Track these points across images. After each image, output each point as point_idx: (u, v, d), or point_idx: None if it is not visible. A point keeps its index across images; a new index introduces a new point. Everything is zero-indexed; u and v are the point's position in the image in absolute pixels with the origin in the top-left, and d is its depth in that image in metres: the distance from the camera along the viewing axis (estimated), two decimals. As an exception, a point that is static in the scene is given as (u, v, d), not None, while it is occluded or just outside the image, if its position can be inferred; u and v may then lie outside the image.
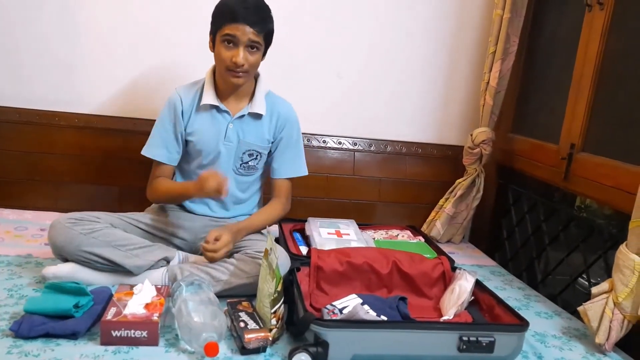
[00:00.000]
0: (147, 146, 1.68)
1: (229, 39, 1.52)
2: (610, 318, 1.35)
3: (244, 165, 1.72)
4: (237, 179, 1.73)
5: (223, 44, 1.54)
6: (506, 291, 1.79)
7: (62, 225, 1.45)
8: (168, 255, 1.56)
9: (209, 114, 1.66)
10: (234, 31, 1.51)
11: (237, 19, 1.50)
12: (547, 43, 2.11)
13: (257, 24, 1.53)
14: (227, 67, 1.55)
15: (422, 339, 1.24)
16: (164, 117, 1.67)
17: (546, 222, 2.02)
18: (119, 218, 1.59)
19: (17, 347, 1.16)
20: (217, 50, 1.56)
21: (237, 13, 1.50)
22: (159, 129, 1.68)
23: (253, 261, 1.50)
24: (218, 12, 1.56)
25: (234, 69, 1.55)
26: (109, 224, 1.53)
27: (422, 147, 2.33)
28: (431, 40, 2.25)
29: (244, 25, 1.51)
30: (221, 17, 1.54)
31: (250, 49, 1.55)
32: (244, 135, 1.68)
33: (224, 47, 1.54)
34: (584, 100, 1.76)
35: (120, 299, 1.29)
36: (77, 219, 1.48)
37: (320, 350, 1.18)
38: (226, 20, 1.52)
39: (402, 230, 2.05)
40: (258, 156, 1.73)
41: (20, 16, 2.01)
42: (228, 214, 1.77)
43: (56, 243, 1.45)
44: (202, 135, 1.66)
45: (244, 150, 1.70)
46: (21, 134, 2.07)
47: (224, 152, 1.67)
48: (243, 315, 1.29)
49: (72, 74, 2.08)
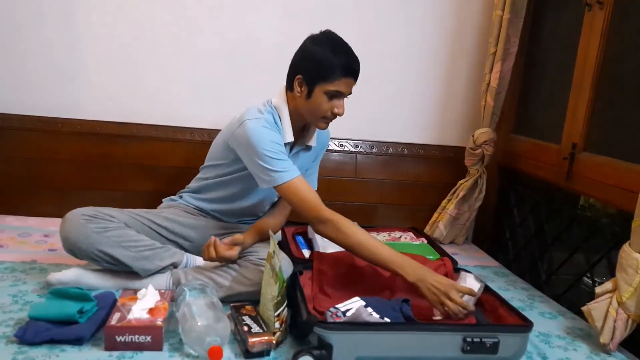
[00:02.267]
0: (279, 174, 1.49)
1: (336, 94, 1.52)
2: (615, 317, 1.35)
3: None
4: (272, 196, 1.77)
5: (326, 96, 1.52)
6: (510, 292, 1.79)
7: (77, 221, 1.44)
8: (176, 261, 1.56)
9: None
10: (343, 88, 1.51)
11: (349, 73, 1.51)
12: (547, 43, 2.11)
13: (358, 74, 1.55)
14: (325, 117, 1.56)
15: (426, 341, 1.24)
16: (276, 140, 1.52)
17: (549, 222, 2.02)
18: (132, 217, 1.57)
19: (22, 353, 1.16)
20: (318, 100, 1.52)
21: (349, 69, 1.51)
22: (274, 150, 1.50)
23: (256, 269, 1.50)
24: (324, 64, 1.50)
25: (332, 118, 1.57)
26: (123, 223, 1.51)
27: (424, 149, 2.34)
28: (431, 42, 2.25)
29: (351, 79, 1.53)
30: (330, 70, 1.49)
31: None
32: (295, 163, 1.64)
33: (326, 100, 1.52)
34: (585, 99, 1.76)
35: (124, 304, 1.29)
36: (90, 215, 1.46)
37: (324, 352, 1.18)
38: (338, 75, 1.49)
39: (404, 232, 2.05)
40: None
41: (23, 24, 2.02)
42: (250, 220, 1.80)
43: (68, 238, 1.44)
44: None
45: None
46: (24, 141, 2.08)
47: None
48: (247, 319, 1.30)
49: (75, 81, 2.09)
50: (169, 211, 1.71)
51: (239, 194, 1.70)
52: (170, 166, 2.16)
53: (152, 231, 1.60)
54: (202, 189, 1.75)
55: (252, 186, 1.64)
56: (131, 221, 1.56)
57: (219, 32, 2.12)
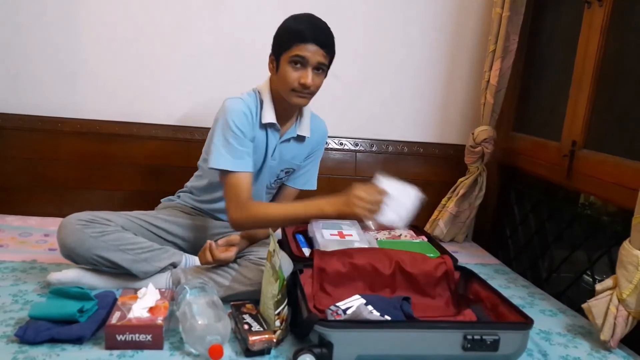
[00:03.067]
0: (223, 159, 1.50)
1: (298, 60, 1.48)
2: (615, 315, 1.35)
3: (277, 180, 1.74)
4: (267, 192, 1.76)
5: (290, 65, 1.49)
6: (510, 289, 1.79)
7: (73, 227, 1.44)
8: (175, 261, 1.56)
9: (266, 130, 1.62)
10: (304, 52, 1.47)
11: (308, 39, 1.47)
12: (546, 40, 2.11)
13: (326, 45, 1.50)
14: (293, 88, 1.51)
15: (427, 339, 1.24)
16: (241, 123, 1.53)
17: (549, 220, 2.02)
18: (129, 219, 1.57)
19: (22, 352, 1.16)
20: (283, 71, 1.51)
21: (308, 33, 1.47)
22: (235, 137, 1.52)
23: (256, 268, 1.50)
24: (285, 32, 1.52)
25: (301, 90, 1.52)
26: (120, 226, 1.51)
27: (424, 147, 2.34)
28: (431, 39, 2.25)
29: (314, 45, 1.48)
30: (289, 38, 1.49)
31: (317, 70, 1.51)
32: (287, 154, 1.68)
33: (291, 68, 1.49)
34: (585, 97, 1.76)
35: (125, 303, 1.29)
36: (87, 220, 1.46)
37: (324, 351, 1.18)
38: (296, 40, 1.47)
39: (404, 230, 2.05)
40: (290, 172, 1.75)
41: (23, 24, 2.02)
42: None
43: (65, 244, 1.44)
44: (256, 150, 1.61)
45: (282, 167, 1.70)
46: (25, 141, 2.09)
47: (267, 169, 1.67)
48: (247, 317, 1.30)
49: (75, 80, 2.09)
50: (166, 212, 1.71)
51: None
52: (170, 165, 2.16)
53: (150, 233, 1.60)
54: (197, 186, 1.76)
55: None
56: (128, 224, 1.55)
57: (219, 31, 2.12)
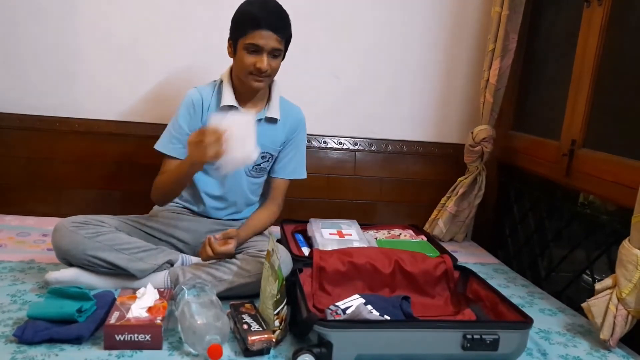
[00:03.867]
0: (162, 141, 1.65)
1: (253, 47, 1.52)
2: (614, 314, 1.35)
3: (256, 167, 1.73)
4: (249, 181, 1.74)
5: (246, 51, 1.53)
6: (510, 289, 1.79)
7: (66, 229, 1.45)
8: (172, 259, 1.56)
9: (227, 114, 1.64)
10: (257, 40, 1.50)
11: (261, 25, 1.49)
12: (546, 39, 2.11)
13: (280, 30, 1.53)
14: (249, 72, 1.55)
15: (426, 338, 1.23)
16: (183, 112, 1.64)
17: (549, 219, 2.01)
18: (122, 221, 1.58)
19: (21, 352, 1.16)
20: (239, 56, 1.55)
21: (261, 20, 1.50)
22: (176, 124, 1.64)
23: (255, 260, 1.50)
24: (239, 19, 1.56)
25: (258, 74, 1.55)
26: (114, 227, 1.52)
27: (423, 146, 2.33)
28: (430, 39, 2.25)
29: (267, 31, 1.50)
30: (243, 24, 1.53)
31: (273, 55, 1.55)
32: (259, 138, 1.67)
33: (246, 54, 1.53)
34: (584, 96, 1.76)
35: (123, 302, 1.29)
36: (81, 222, 1.47)
37: (324, 350, 1.18)
38: (249, 27, 1.51)
39: (404, 230, 2.05)
40: (270, 158, 1.74)
41: (21, 23, 2.01)
42: (238, 215, 1.78)
43: (60, 247, 1.45)
44: None
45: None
46: (23, 140, 2.08)
47: None
48: (246, 317, 1.29)
49: (73, 80, 2.08)
50: (159, 215, 1.72)
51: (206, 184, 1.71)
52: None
53: (145, 234, 1.61)
54: None
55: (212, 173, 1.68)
56: (122, 225, 1.56)
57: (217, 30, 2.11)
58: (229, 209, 1.76)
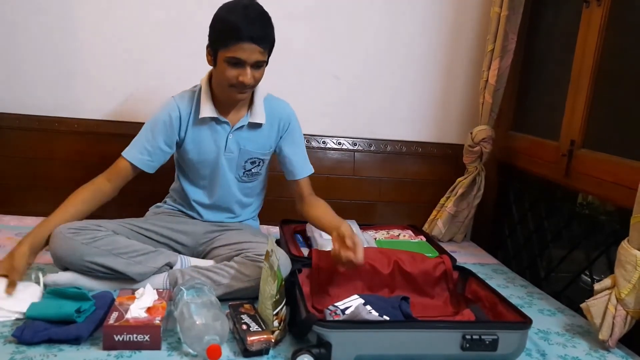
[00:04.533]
0: (130, 149, 1.62)
1: (235, 61, 1.45)
2: (614, 314, 1.35)
3: (247, 173, 1.71)
4: (241, 186, 1.73)
5: (227, 63, 1.46)
6: (509, 289, 1.79)
7: (63, 236, 1.43)
8: (170, 261, 1.55)
9: (208, 126, 1.63)
10: (239, 53, 1.43)
11: (243, 38, 1.41)
12: (545, 40, 2.11)
13: (263, 40, 1.45)
14: (232, 84, 1.50)
15: (425, 339, 1.23)
16: (159, 126, 1.61)
17: (548, 219, 2.02)
18: (120, 225, 1.56)
19: (20, 352, 1.16)
20: (220, 68, 1.48)
21: (243, 32, 1.41)
22: (148, 135, 1.62)
23: (254, 264, 1.49)
24: (219, 29, 1.46)
25: (241, 87, 1.50)
26: (111, 231, 1.51)
27: (422, 146, 2.33)
28: (429, 39, 2.25)
29: (249, 43, 1.42)
30: (224, 35, 1.44)
31: (257, 67, 1.49)
32: (245, 144, 1.66)
33: (228, 67, 1.46)
34: (584, 96, 1.76)
35: (122, 303, 1.29)
36: (77, 228, 1.45)
37: (323, 351, 1.18)
38: (230, 39, 1.42)
39: (403, 230, 2.05)
40: (260, 163, 1.72)
41: (20, 23, 2.01)
42: (235, 219, 1.78)
43: (57, 254, 1.44)
44: (201, 147, 1.63)
45: (245, 158, 1.68)
46: (21, 140, 2.08)
47: (225, 163, 1.66)
48: (245, 317, 1.29)
49: (72, 80, 2.08)
50: (156, 217, 1.72)
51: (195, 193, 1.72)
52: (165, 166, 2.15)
53: (143, 237, 1.59)
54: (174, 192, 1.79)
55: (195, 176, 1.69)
56: (120, 229, 1.54)
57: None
58: (224, 213, 1.76)
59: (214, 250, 1.65)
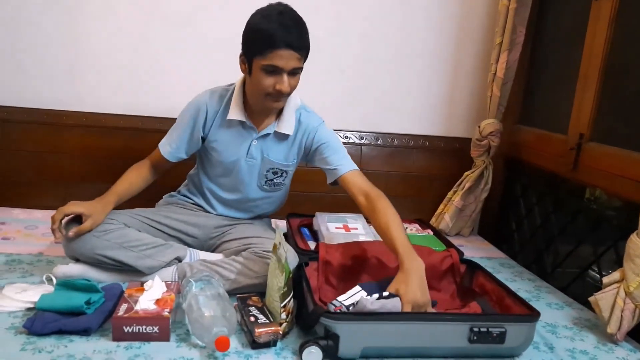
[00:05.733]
0: (163, 140, 1.67)
1: (272, 69, 1.42)
2: (622, 308, 1.35)
3: (268, 182, 1.69)
4: (262, 194, 1.73)
5: (263, 72, 1.43)
6: (516, 283, 1.79)
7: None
8: (180, 255, 1.56)
9: (234, 128, 1.61)
10: (277, 61, 1.40)
11: (279, 45, 1.38)
12: (553, 33, 2.09)
13: (300, 47, 1.42)
14: (268, 93, 1.47)
15: (433, 331, 1.23)
16: (186, 116, 1.62)
17: (555, 213, 2.01)
18: (131, 216, 1.57)
19: (30, 343, 1.17)
20: (256, 77, 1.46)
21: (279, 39, 1.38)
22: (178, 124, 1.65)
23: (262, 261, 1.49)
24: (254, 37, 1.43)
25: (277, 95, 1.47)
26: (123, 223, 1.52)
27: (429, 140, 2.33)
28: (437, 32, 2.24)
29: (288, 50, 1.39)
30: (261, 42, 1.40)
31: (293, 74, 1.47)
32: (268, 153, 1.63)
33: (264, 75, 1.43)
34: (592, 89, 1.75)
35: (131, 295, 1.30)
36: None
37: (330, 343, 1.18)
38: (266, 47, 1.39)
39: (410, 224, 2.04)
40: (284, 174, 1.70)
41: (27, 17, 2.02)
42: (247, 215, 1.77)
43: (69, 245, 1.45)
44: (224, 147, 1.62)
45: (267, 168, 1.66)
46: (29, 134, 2.09)
47: (246, 168, 1.65)
48: (253, 309, 1.30)
49: (79, 73, 2.09)
50: (167, 209, 1.71)
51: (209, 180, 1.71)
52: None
53: (153, 229, 1.60)
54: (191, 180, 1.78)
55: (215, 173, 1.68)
56: (131, 221, 1.55)
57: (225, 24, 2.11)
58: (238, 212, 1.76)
59: (223, 244, 1.65)
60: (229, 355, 1.19)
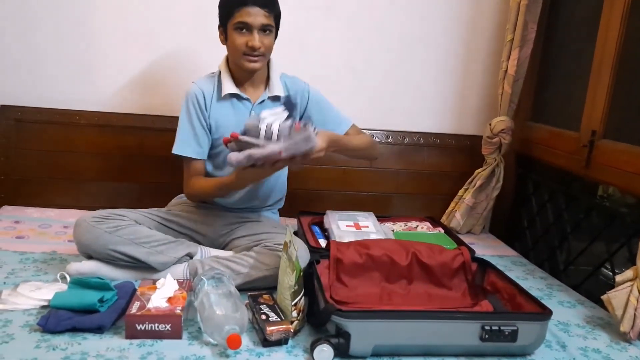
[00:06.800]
0: (177, 144, 1.65)
1: (242, 26, 1.53)
2: (635, 306, 1.34)
3: None
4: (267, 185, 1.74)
5: (236, 32, 1.55)
6: (528, 281, 1.78)
7: (87, 224, 1.47)
8: (191, 251, 1.57)
9: (230, 103, 1.67)
10: (245, 17, 1.52)
11: (246, 2, 1.51)
12: (565, 28, 2.08)
13: (266, 4, 1.54)
14: (243, 52, 1.56)
15: (445, 329, 1.23)
16: (189, 111, 1.65)
17: (567, 210, 1.99)
18: (142, 214, 1.60)
19: (45, 341, 1.18)
20: (231, 39, 1.57)
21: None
22: (186, 124, 1.65)
23: (272, 253, 1.51)
24: (224, 1, 1.58)
25: (250, 53, 1.56)
26: (134, 220, 1.54)
27: (440, 138, 2.32)
28: (447, 29, 2.23)
29: (254, 7, 1.52)
30: (230, 4, 1.54)
31: (264, 32, 1.56)
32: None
33: (237, 35, 1.55)
34: (605, 85, 1.73)
35: (144, 293, 1.31)
36: (102, 217, 1.50)
37: (342, 341, 1.18)
38: (235, 6, 1.53)
39: (421, 222, 2.04)
40: None
41: (39, 17, 2.04)
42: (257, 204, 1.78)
43: (81, 241, 1.48)
44: (225, 124, 1.66)
45: None
46: (42, 133, 2.11)
47: None
48: (264, 307, 1.30)
49: (92, 73, 2.11)
50: (178, 208, 1.73)
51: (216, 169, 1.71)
52: (186, 157, 2.17)
53: (164, 227, 1.62)
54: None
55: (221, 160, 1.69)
56: (142, 219, 1.58)
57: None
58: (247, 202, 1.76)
59: (233, 241, 1.67)
60: (241, 353, 1.20)
